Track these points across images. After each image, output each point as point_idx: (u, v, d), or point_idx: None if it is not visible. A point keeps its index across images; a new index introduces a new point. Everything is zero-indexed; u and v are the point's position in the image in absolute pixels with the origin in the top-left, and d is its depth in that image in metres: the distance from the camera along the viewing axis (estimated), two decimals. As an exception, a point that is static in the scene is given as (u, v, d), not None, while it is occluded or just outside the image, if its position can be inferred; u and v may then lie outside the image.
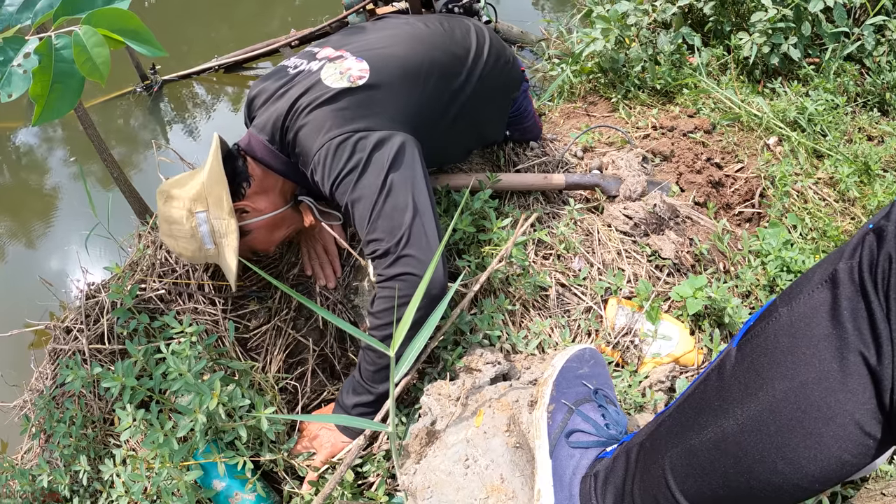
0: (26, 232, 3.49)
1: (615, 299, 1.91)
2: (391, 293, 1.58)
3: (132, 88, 4.11)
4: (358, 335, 1.27)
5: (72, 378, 1.73)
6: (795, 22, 2.94)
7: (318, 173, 1.68)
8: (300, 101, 1.73)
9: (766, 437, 0.90)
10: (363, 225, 1.62)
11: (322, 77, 1.76)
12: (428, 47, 1.87)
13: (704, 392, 1.04)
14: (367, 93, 1.73)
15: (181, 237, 1.80)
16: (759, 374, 0.92)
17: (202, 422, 1.52)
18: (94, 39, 1.31)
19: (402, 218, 1.59)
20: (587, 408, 1.39)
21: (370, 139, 1.65)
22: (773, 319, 0.94)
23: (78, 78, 1.36)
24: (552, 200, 2.21)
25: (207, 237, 1.78)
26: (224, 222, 1.77)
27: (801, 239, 2.29)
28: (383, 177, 1.61)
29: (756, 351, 0.95)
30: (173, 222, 1.79)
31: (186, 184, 1.81)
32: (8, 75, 1.33)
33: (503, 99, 2.17)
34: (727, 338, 1.94)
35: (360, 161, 1.63)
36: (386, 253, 1.58)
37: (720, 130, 2.66)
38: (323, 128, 1.68)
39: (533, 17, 4.42)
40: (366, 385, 1.65)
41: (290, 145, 1.78)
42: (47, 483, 1.79)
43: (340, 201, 1.67)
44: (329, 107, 1.70)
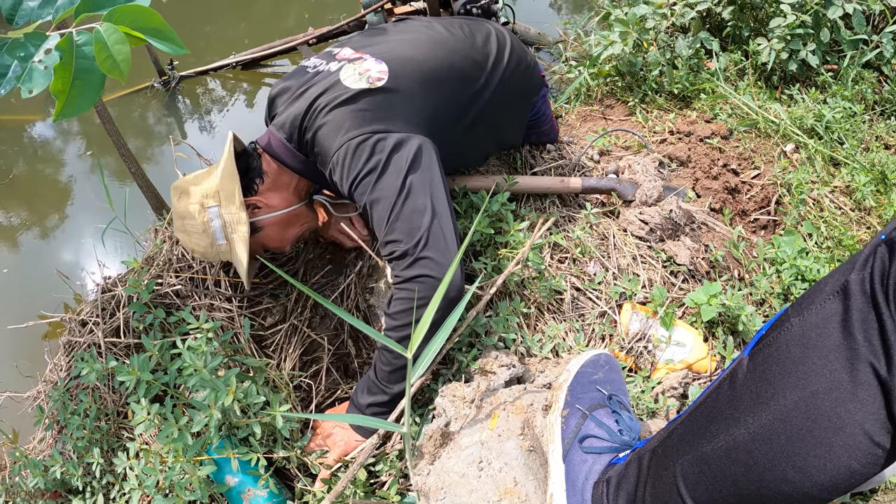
0: (41, 223, 3.51)
1: (630, 304, 1.91)
2: (408, 294, 1.58)
3: (150, 84, 4.12)
4: (375, 336, 1.27)
5: (87, 371, 1.74)
6: (814, 28, 2.93)
7: (337, 173, 1.68)
8: (319, 101, 1.73)
9: (777, 445, 0.90)
10: (381, 226, 1.62)
11: (341, 77, 1.76)
12: (447, 52, 1.88)
13: (716, 400, 1.05)
14: (386, 95, 1.73)
15: (194, 232, 1.82)
16: (771, 384, 0.93)
17: (217, 418, 1.52)
18: (115, 37, 1.32)
19: (421, 220, 1.59)
20: (601, 413, 1.39)
21: (389, 140, 1.65)
22: (786, 329, 0.94)
23: (98, 75, 1.37)
24: (568, 204, 2.21)
25: (219, 232, 1.80)
26: (235, 216, 1.79)
27: (817, 248, 2.28)
28: (402, 178, 1.61)
29: (768, 360, 0.95)
30: (186, 217, 1.81)
31: (201, 181, 1.83)
32: (29, 71, 1.34)
33: (523, 104, 2.17)
34: (740, 345, 1.94)
35: (378, 162, 1.63)
36: (404, 255, 1.59)
37: (737, 136, 2.65)
38: (342, 128, 1.68)
39: (549, 18, 4.42)
40: (381, 385, 1.65)
41: (308, 144, 1.78)
42: (60, 475, 1.80)
43: (359, 202, 1.67)
44: (348, 107, 1.70)
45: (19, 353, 2.82)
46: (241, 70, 4.24)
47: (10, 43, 1.35)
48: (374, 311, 1.94)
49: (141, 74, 4.14)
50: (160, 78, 4.10)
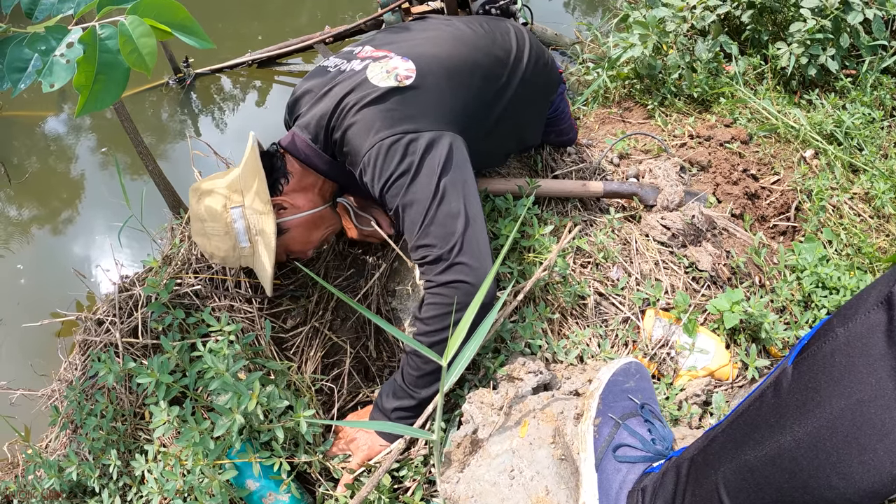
0: (54, 219, 3.50)
1: (653, 310, 1.89)
2: (441, 300, 1.56)
3: (165, 81, 4.11)
4: (408, 341, 1.26)
5: (105, 372, 1.72)
6: (834, 33, 2.92)
7: (368, 174, 1.65)
8: (347, 100, 1.70)
9: (823, 452, 0.90)
10: (414, 230, 1.59)
11: (368, 76, 1.73)
12: (470, 49, 1.85)
13: (760, 408, 1.04)
14: (415, 93, 1.70)
15: (215, 235, 1.78)
16: (817, 392, 0.93)
17: (240, 422, 1.51)
18: (141, 29, 1.30)
19: (455, 225, 1.57)
20: (633, 422, 1.38)
21: (421, 141, 1.63)
22: (830, 339, 0.94)
23: (123, 69, 1.34)
24: (589, 208, 2.19)
25: (242, 234, 1.76)
26: (261, 217, 1.76)
27: (837, 255, 2.27)
28: (436, 181, 1.59)
29: (813, 369, 0.95)
30: (206, 219, 1.77)
31: (222, 181, 1.81)
32: (50, 65, 1.32)
33: (542, 101, 2.15)
34: (762, 352, 1.92)
35: (411, 164, 1.60)
36: (438, 259, 1.57)
37: (757, 141, 2.64)
38: (373, 128, 1.64)
39: (562, 19, 4.40)
40: (408, 389, 1.63)
41: (336, 144, 1.75)
42: (76, 476, 1.78)
43: (390, 204, 1.64)
44: (378, 106, 1.66)
45: (32, 350, 2.80)
46: (257, 68, 4.22)
47: (30, 36, 1.32)
48: (396, 314, 1.92)
49: (155, 71, 4.12)
50: (175, 75, 4.08)
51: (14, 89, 1.33)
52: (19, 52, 1.33)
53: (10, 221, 3.48)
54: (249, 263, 1.84)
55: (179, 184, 2.54)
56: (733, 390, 1.83)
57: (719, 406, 1.71)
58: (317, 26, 4.19)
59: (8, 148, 3.89)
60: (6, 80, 1.33)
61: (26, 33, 1.32)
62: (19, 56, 1.33)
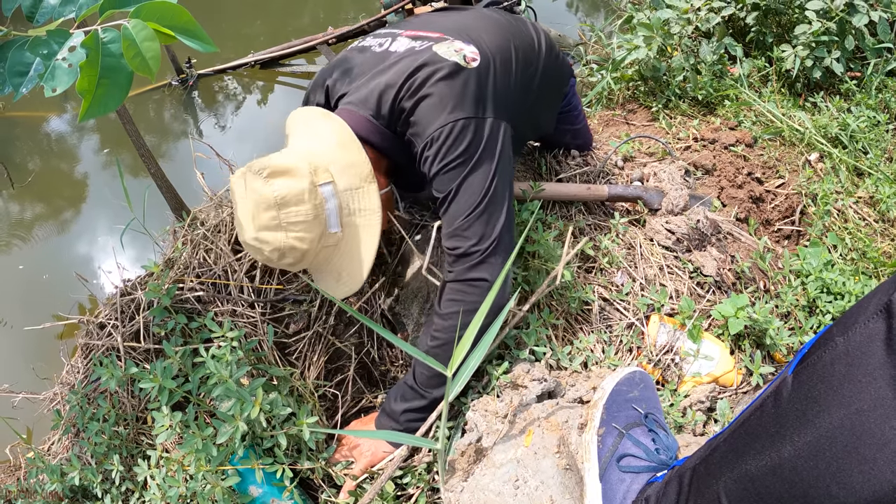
0: (56, 219, 3.49)
1: (657, 316, 1.89)
2: (464, 297, 1.58)
3: (167, 82, 4.10)
4: (416, 355, 1.26)
5: (107, 377, 1.71)
6: (839, 35, 2.91)
7: (433, 150, 1.60)
8: (420, 73, 1.63)
9: (822, 462, 0.90)
10: (456, 219, 1.59)
11: (438, 52, 1.67)
12: (511, 36, 1.82)
13: (761, 418, 1.04)
14: (481, 75, 1.67)
15: (298, 222, 1.53)
16: (817, 402, 0.93)
17: (242, 429, 1.50)
18: (145, 33, 1.29)
19: (496, 224, 1.59)
20: (637, 432, 1.37)
21: (486, 128, 1.62)
22: (830, 348, 0.94)
23: (126, 73, 1.33)
24: (594, 211, 2.18)
25: (334, 215, 1.58)
26: (356, 193, 1.61)
27: (842, 259, 2.26)
28: (490, 176, 1.60)
29: (813, 378, 0.95)
30: (287, 203, 1.51)
31: (294, 158, 1.58)
32: (52, 69, 1.31)
33: (557, 93, 2.12)
34: (767, 358, 1.92)
35: (474, 153, 1.60)
36: (470, 254, 1.58)
37: (761, 144, 2.63)
38: (447, 105, 1.60)
39: (565, 19, 4.39)
40: (420, 390, 1.63)
41: (402, 113, 1.66)
42: (78, 480, 1.78)
43: (442, 186, 1.62)
44: (451, 82, 1.62)
45: (34, 352, 2.80)
46: (260, 69, 4.22)
47: (31, 40, 1.31)
48: (399, 318, 1.91)
49: (158, 72, 4.10)
50: (178, 76, 4.07)
51: (16, 93, 1.32)
52: (21, 55, 1.32)
53: (12, 221, 3.48)
54: (327, 257, 1.65)
55: (182, 186, 2.53)
56: (737, 396, 1.82)
57: (724, 413, 1.71)
58: (320, 27, 4.19)
59: (11, 148, 3.89)
60: (7, 85, 1.32)
61: (28, 37, 1.32)
62: (21, 60, 1.32)
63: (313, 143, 1.62)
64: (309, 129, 1.67)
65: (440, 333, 1.61)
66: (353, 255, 1.64)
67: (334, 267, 1.66)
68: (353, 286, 1.66)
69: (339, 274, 1.66)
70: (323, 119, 1.65)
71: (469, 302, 1.58)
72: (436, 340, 1.63)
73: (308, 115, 1.70)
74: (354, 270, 1.65)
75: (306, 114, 1.71)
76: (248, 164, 1.55)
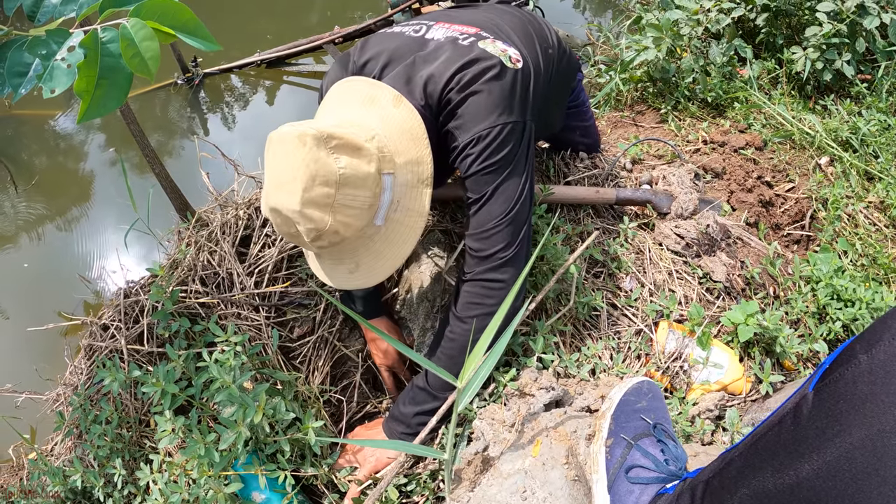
0: (62, 217, 3.49)
1: (666, 323, 1.86)
2: (481, 300, 1.59)
3: (173, 81, 4.09)
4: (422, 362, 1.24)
5: (110, 380, 1.70)
6: (849, 37, 2.88)
7: (476, 148, 1.55)
8: (471, 68, 1.56)
9: (842, 483, 0.88)
10: (486, 223, 1.57)
11: (485, 48, 1.63)
12: (537, 37, 1.81)
13: (779, 434, 1.02)
14: (525, 78, 1.64)
15: (352, 207, 1.40)
16: (838, 420, 0.91)
17: (245, 435, 1.48)
18: (143, 33, 1.26)
19: (521, 231, 1.59)
20: (646, 443, 1.35)
21: (526, 135, 1.61)
22: (853, 365, 0.92)
23: (125, 73, 1.31)
24: (602, 215, 2.16)
25: (384, 210, 1.47)
26: (411, 192, 1.50)
27: (852, 265, 2.23)
28: (522, 186, 1.59)
29: (834, 396, 0.93)
30: (348, 183, 1.37)
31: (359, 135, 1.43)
32: (51, 70, 1.29)
33: (567, 87, 2.11)
34: (776, 366, 1.89)
35: (512, 159, 1.58)
36: (493, 257, 1.58)
37: (771, 147, 2.60)
38: (498, 105, 1.55)
39: (572, 19, 4.37)
40: (433, 391, 1.61)
41: (447, 105, 1.59)
42: (80, 483, 1.77)
43: (478, 187, 1.58)
44: (501, 83, 1.57)
45: (38, 351, 2.79)
46: (266, 68, 4.20)
47: (30, 40, 1.30)
48: (405, 322, 1.89)
49: (164, 71, 4.11)
50: (184, 75, 4.06)
51: (14, 94, 1.30)
52: (20, 56, 1.30)
53: (17, 219, 3.47)
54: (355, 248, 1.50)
55: (187, 185, 2.51)
56: (746, 404, 1.80)
57: (733, 422, 1.68)
58: (326, 26, 4.17)
59: (17, 146, 3.88)
60: (7, 85, 1.30)
61: (27, 37, 1.30)
62: (20, 60, 1.30)
63: (381, 125, 1.49)
64: (375, 106, 1.53)
65: (457, 336, 1.60)
66: (383, 252, 1.52)
67: (356, 258, 1.52)
68: (367, 283, 1.54)
69: (356, 266, 1.53)
70: (395, 102, 1.53)
71: (487, 305, 1.58)
72: (451, 342, 1.62)
73: (375, 92, 1.55)
74: (376, 268, 1.53)
75: (372, 89, 1.56)
76: (304, 125, 1.38)
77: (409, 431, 1.63)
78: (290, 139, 1.35)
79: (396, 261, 1.52)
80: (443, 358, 1.62)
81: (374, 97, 1.54)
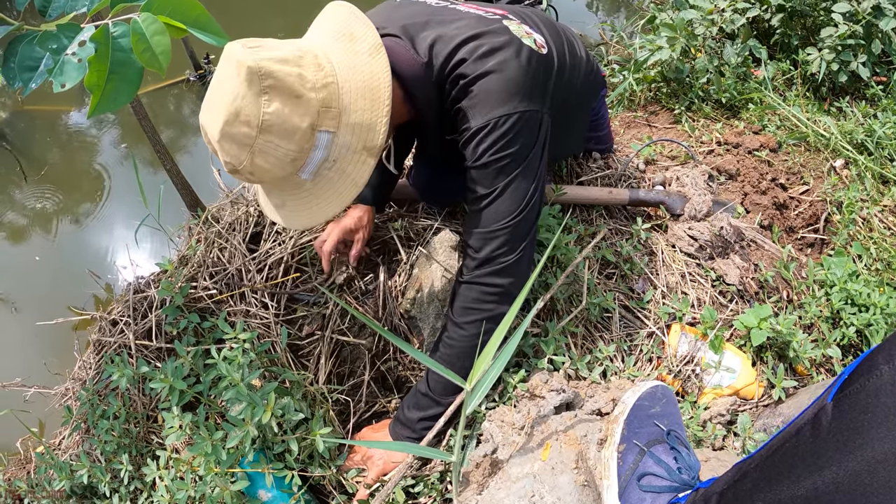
0: (74, 211, 3.49)
1: (678, 325, 1.85)
2: (479, 305, 1.52)
3: (185, 77, 4.09)
4: (426, 362, 1.22)
5: (118, 376, 1.69)
6: (865, 39, 2.85)
7: (492, 136, 1.43)
8: (489, 38, 1.47)
9: (862, 496, 0.86)
10: (492, 222, 1.49)
11: (510, 27, 1.53)
12: (563, 35, 1.75)
13: (797, 446, 1.00)
14: (548, 65, 1.56)
15: (271, 154, 1.29)
16: (859, 433, 0.89)
17: (253, 434, 1.47)
18: (155, 27, 1.25)
19: (526, 236, 1.52)
20: (659, 449, 1.33)
21: (543, 127, 1.51)
22: (875, 376, 0.90)
23: (136, 68, 1.30)
24: (615, 216, 2.14)
25: (312, 165, 1.34)
26: (353, 157, 1.36)
27: (866, 270, 2.21)
28: (533, 185, 1.50)
29: (856, 408, 0.91)
30: (270, 130, 1.27)
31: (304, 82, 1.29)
32: (61, 64, 1.28)
33: (588, 105, 2.04)
34: (789, 370, 1.87)
35: (527, 152, 1.48)
36: (493, 259, 1.51)
37: (786, 149, 2.58)
38: (517, 90, 1.44)
39: (585, 18, 4.35)
40: (435, 398, 1.58)
41: (458, 79, 1.48)
42: (87, 478, 1.76)
43: (483, 178, 1.48)
44: (525, 65, 1.46)
45: (49, 344, 2.80)
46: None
47: (41, 35, 1.29)
48: (415, 322, 1.87)
49: (176, 67, 4.10)
50: (196, 71, 4.06)
51: (25, 88, 1.29)
52: (30, 50, 1.29)
53: (29, 212, 3.47)
54: (280, 188, 1.42)
55: (198, 181, 2.51)
56: (758, 409, 1.78)
57: (744, 428, 1.67)
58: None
59: (30, 141, 3.89)
60: (18, 79, 1.29)
61: (38, 31, 1.29)
62: (30, 55, 1.29)
63: (345, 73, 1.35)
64: (350, 45, 1.38)
65: (454, 342, 1.55)
66: (309, 203, 1.41)
67: (282, 198, 1.44)
68: (290, 225, 1.47)
69: (282, 203, 1.44)
70: (372, 50, 1.38)
71: (484, 311, 1.52)
72: (450, 349, 1.57)
73: (357, 29, 1.40)
74: (300, 216, 1.43)
75: (354, 23, 1.41)
76: (251, 49, 1.27)
77: (415, 436, 1.60)
78: (231, 62, 1.28)
79: (320, 217, 1.40)
80: (442, 363, 1.56)
81: (354, 35, 1.39)
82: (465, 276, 1.55)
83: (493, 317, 1.51)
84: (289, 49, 1.31)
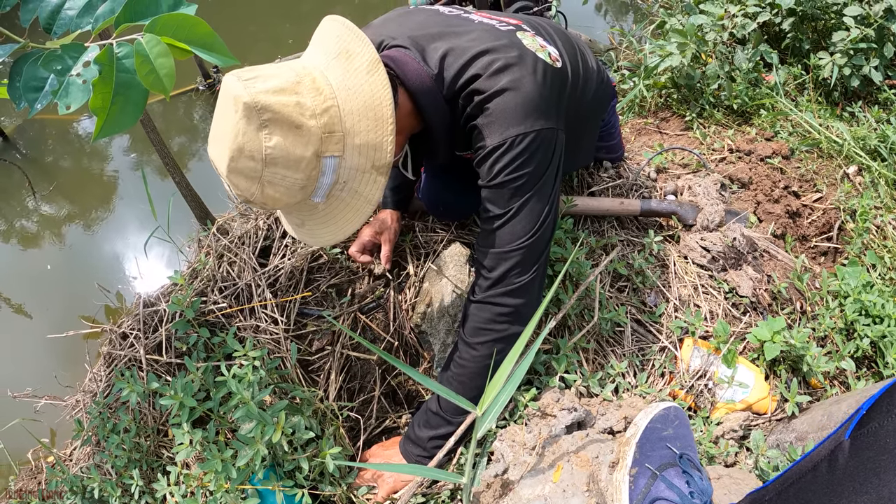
0: (85, 220, 3.50)
1: (691, 340, 1.83)
2: (492, 325, 1.51)
3: (195, 86, 4.09)
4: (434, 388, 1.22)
5: (128, 391, 1.69)
6: (877, 43, 2.82)
7: (508, 155, 1.42)
8: (504, 53, 1.44)
9: None
10: (506, 242, 1.48)
11: (523, 41, 1.51)
12: (576, 46, 1.74)
13: (814, 482, 0.99)
14: (563, 80, 1.55)
15: (279, 185, 1.30)
16: (876, 473, 0.89)
17: (263, 452, 1.47)
18: (158, 49, 1.23)
19: (540, 257, 1.50)
20: (671, 473, 1.32)
21: (558, 147, 1.49)
22: (893, 417, 0.88)
23: (141, 89, 1.27)
24: (626, 227, 2.12)
25: (324, 189, 1.35)
26: (363, 177, 1.35)
27: (881, 280, 2.19)
28: (548, 207, 1.48)
29: (873, 447, 0.91)
30: (275, 163, 1.27)
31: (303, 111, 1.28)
32: (66, 85, 1.26)
33: (598, 117, 2.00)
34: (802, 384, 1.86)
35: (542, 172, 1.46)
36: (504, 279, 1.49)
37: (798, 156, 2.56)
38: (529, 110, 1.41)
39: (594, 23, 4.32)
40: (446, 416, 1.57)
41: (472, 95, 1.45)
42: (98, 493, 1.76)
43: (498, 198, 1.46)
44: (540, 81, 1.44)
45: (59, 353, 2.80)
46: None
47: (45, 55, 1.27)
48: (425, 337, 1.86)
49: (186, 76, 4.10)
50: (205, 80, 4.06)
51: (31, 109, 1.28)
52: (35, 71, 1.27)
53: (40, 221, 3.48)
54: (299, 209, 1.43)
55: (208, 192, 2.50)
56: (771, 424, 1.77)
57: (757, 444, 1.65)
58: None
59: (41, 149, 3.89)
60: (23, 100, 1.28)
61: (42, 51, 1.28)
62: (35, 75, 1.27)
63: (345, 95, 1.32)
64: (348, 65, 1.35)
65: (466, 362, 1.54)
66: (327, 223, 1.42)
67: (301, 217, 1.45)
68: (311, 243, 1.50)
69: (301, 223, 1.46)
70: (370, 67, 1.34)
71: (496, 331, 1.51)
72: (461, 369, 1.56)
73: (353, 47, 1.36)
74: (319, 234, 1.44)
75: (351, 41, 1.36)
76: (245, 83, 1.26)
77: (426, 455, 1.60)
78: (228, 97, 1.28)
79: (340, 235, 1.41)
80: (454, 383, 1.57)
81: (351, 53, 1.35)
82: (478, 296, 1.54)
83: (505, 337, 1.50)
84: (286, 76, 1.30)
